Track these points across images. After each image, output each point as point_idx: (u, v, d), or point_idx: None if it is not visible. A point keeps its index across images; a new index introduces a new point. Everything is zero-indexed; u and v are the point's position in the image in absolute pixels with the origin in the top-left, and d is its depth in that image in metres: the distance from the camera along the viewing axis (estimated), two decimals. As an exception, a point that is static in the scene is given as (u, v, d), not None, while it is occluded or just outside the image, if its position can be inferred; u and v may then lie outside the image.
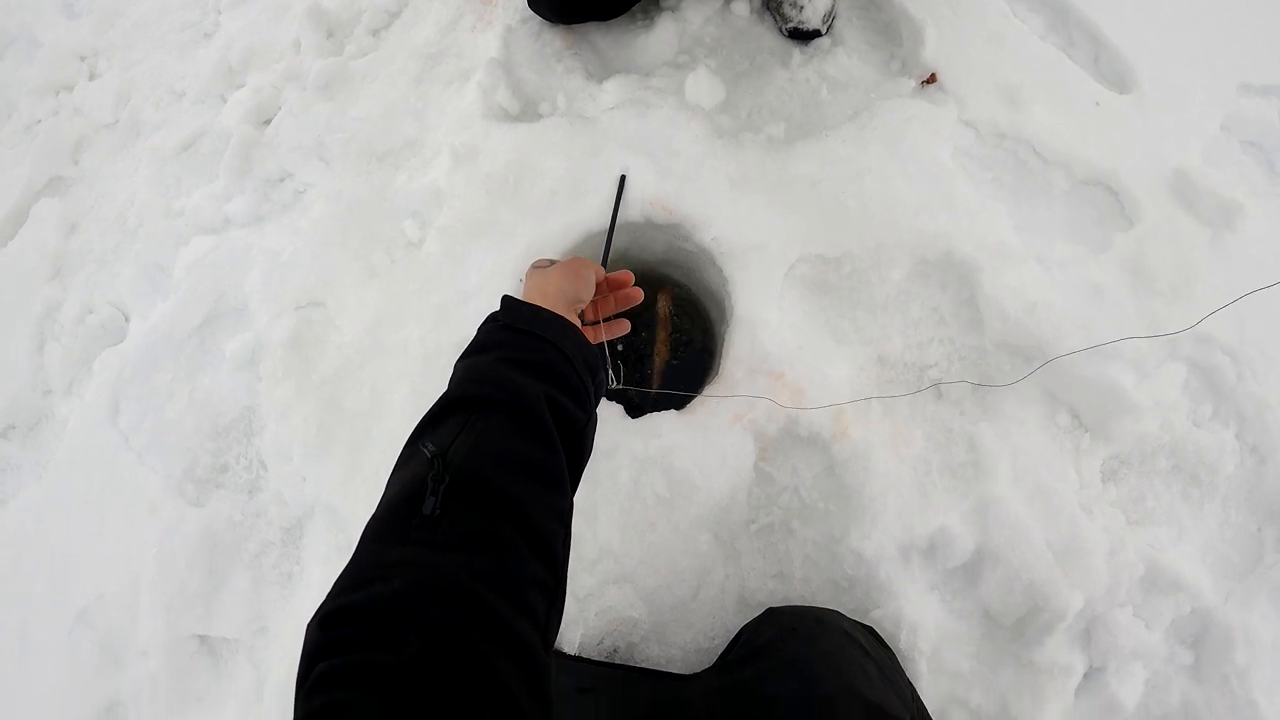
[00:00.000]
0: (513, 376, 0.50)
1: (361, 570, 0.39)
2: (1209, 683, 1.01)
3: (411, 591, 0.36)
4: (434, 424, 0.48)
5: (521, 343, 0.54)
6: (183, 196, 1.14)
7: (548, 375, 0.52)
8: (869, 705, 0.62)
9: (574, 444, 0.53)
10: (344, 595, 0.37)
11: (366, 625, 0.35)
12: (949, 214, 0.93)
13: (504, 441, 0.46)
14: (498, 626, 0.37)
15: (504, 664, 0.36)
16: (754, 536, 0.83)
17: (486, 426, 0.46)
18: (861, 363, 0.88)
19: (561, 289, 0.61)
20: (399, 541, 0.40)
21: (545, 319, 0.56)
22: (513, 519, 0.43)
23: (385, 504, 0.43)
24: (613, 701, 0.70)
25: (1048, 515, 0.91)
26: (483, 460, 0.44)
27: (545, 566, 0.43)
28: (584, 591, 0.82)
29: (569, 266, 0.64)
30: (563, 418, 0.51)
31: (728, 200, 0.90)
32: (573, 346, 0.55)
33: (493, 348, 0.54)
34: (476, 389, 0.49)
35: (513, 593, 0.39)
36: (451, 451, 0.44)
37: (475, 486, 0.43)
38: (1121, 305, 1.00)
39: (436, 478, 0.42)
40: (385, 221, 0.98)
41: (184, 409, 1.04)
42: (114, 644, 1.08)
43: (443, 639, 0.34)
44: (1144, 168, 1.07)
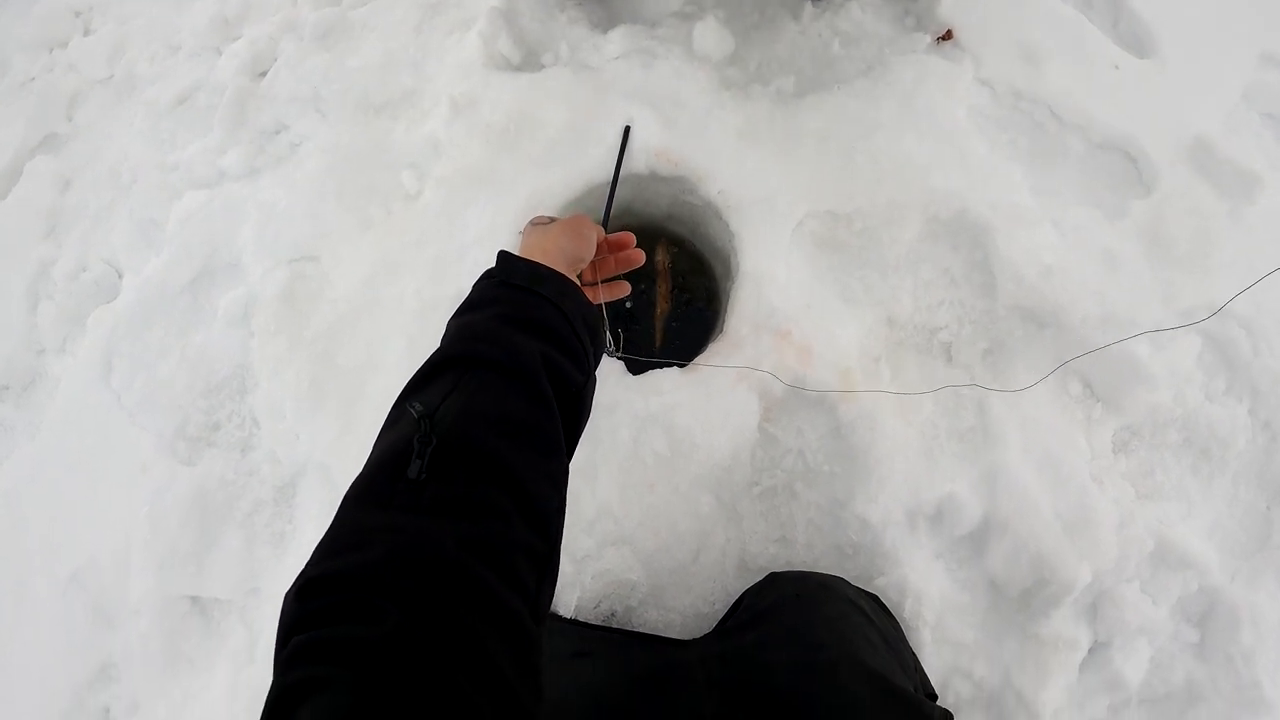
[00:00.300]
0: (508, 334, 0.47)
1: (340, 537, 0.37)
2: (1213, 662, 0.98)
3: (392, 560, 0.34)
4: (423, 383, 0.46)
5: (518, 300, 0.51)
6: (177, 151, 1.10)
7: (545, 334, 0.49)
8: (872, 674, 0.59)
9: (571, 407, 0.50)
10: (321, 564, 0.35)
11: (344, 596, 0.33)
12: (963, 173, 0.89)
13: (497, 402, 0.43)
14: (483, 597, 0.35)
15: (489, 636, 0.34)
16: (756, 499, 0.80)
17: (479, 386, 0.44)
18: (870, 324, 0.84)
19: (562, 247, 0.58)
20: (381, 506, 0.37)
21: (543, 275, 0.53)
22: (503, 484, 0.40)
23: (368, 466, 0.40)
24: (609, 666, 0.68)
25: (1057, 485, 0.88)
26: (473, 421, 0.42)
27: (537, 534, 0.41)
28: (581, 553, 0.79)
29: (570, 224, 0.61)
30: (560, 379, 0.48)
31: (734, 153, 0.86)
32: (572, 305, 0.52)
33: (487, 305, 0.51)
34: (469, 347, 0.46)
35: (500, 562, 0.37)
36: (440, 412, 0.41)
37: (464, 449, 0.40)
38: (1137, 274, 0.96)
39: (423, 439, 0.39)
40: (382, 173, 0.94)
41: (176, 366, 1.01)
42: (106, 605, 1.06)
43: (424, 611, 0.32)
44: (1163, 134, 1.03)
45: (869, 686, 0.58)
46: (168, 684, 1.03)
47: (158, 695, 1.03)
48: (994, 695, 0.89)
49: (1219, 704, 0.97)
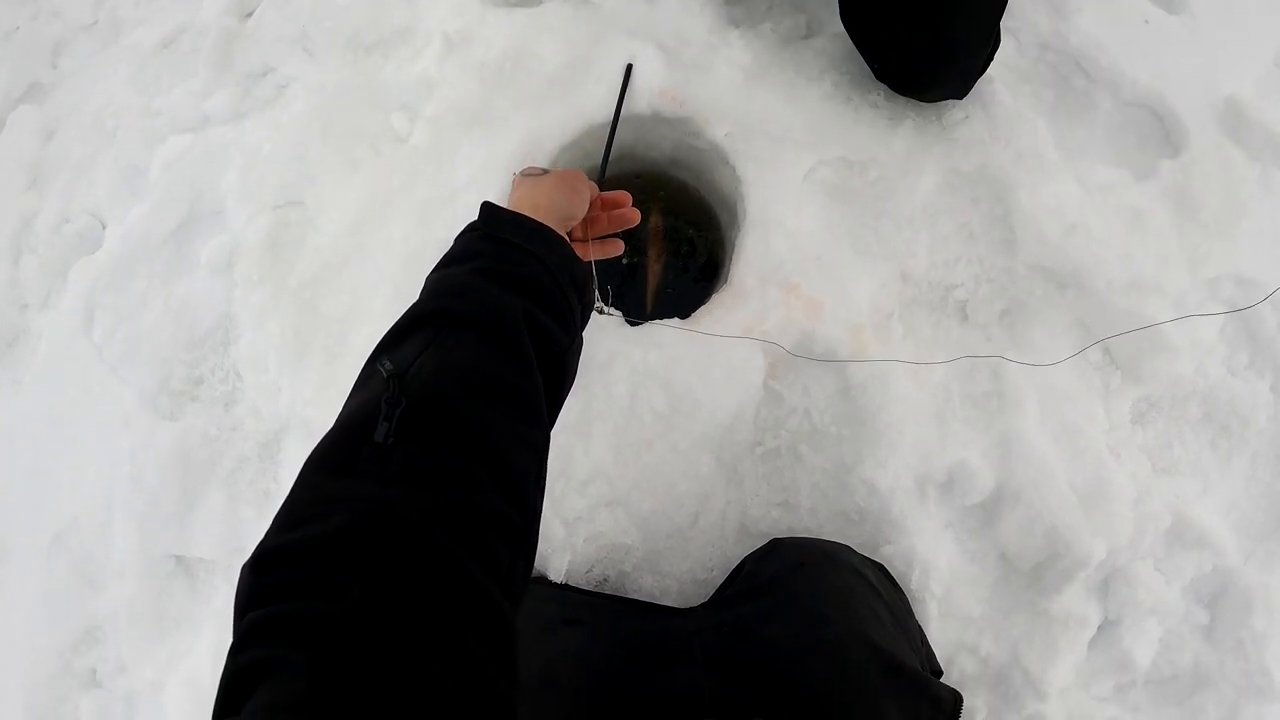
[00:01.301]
0: (488, 290, 0.43)
1: (300, 505, 0.34)
2: (1223, 645, 0.92)
3: (353, 532, 0.31)
4: (397, 340, 0.41)
5: (501, 254, 0.46)
6: (161, 96, 1.03)
7: (528, 290, 0.45)
8: (879, 651, 0.54)
9: (554, 369, 0.45)
10: (279, 535, 0.32)
11: (302, 570, 0.30)
12: (985, 123, 0.82)
13: (474, 362, 0.39)
14: (450, 572, 0.32)
15: (456, 614, 0.31)
16: (759, 461, 0.73)
17: (455, 344, 0.40)
18: (884, 278, 0.77)
19: (554, 202, 0.53)
20: (344, 473, 0.34)
21: (529, 229, 0.48)
22: (477, 450, 0.36)
23: (334, 429, 0.37)
24: (601, 635, 0.62)
25: (1073, 456, 0.81)
26: (447, 382, 0.38)
27: (513, 505, 0.37)
28: (573, 515, 0.72)
29: (562, 178, 0.55)
30: (543, 339, 0.44)
31: (743, 95, 0.78)
32: (558, 260, 0.47)
33: (469, 258, 0.46)
34: (446, 302, 0.42)
35: (471, 534, 0.34)
36: (412, 372, 0.37)
37: (436, 412, 0.36)
38: (1164, 237, 0.89)
39: (391, 400, 0.36)
40: (371, 114, 0.87)
41: (159, 318, 0.95)
42: (90, 566, 1.00)
43: (387, 587, 0.29)
44: (1193, 94, 0.95)
45: (875, 665, 0.53)
46: (154, 645, 0.98)
47: (144, 656, 0.98)
48: (1000, 672, 0.83)
49: (1226, 689, 0.91)
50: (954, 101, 0.84)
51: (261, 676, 0.27)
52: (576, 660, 0.58)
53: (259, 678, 0.27)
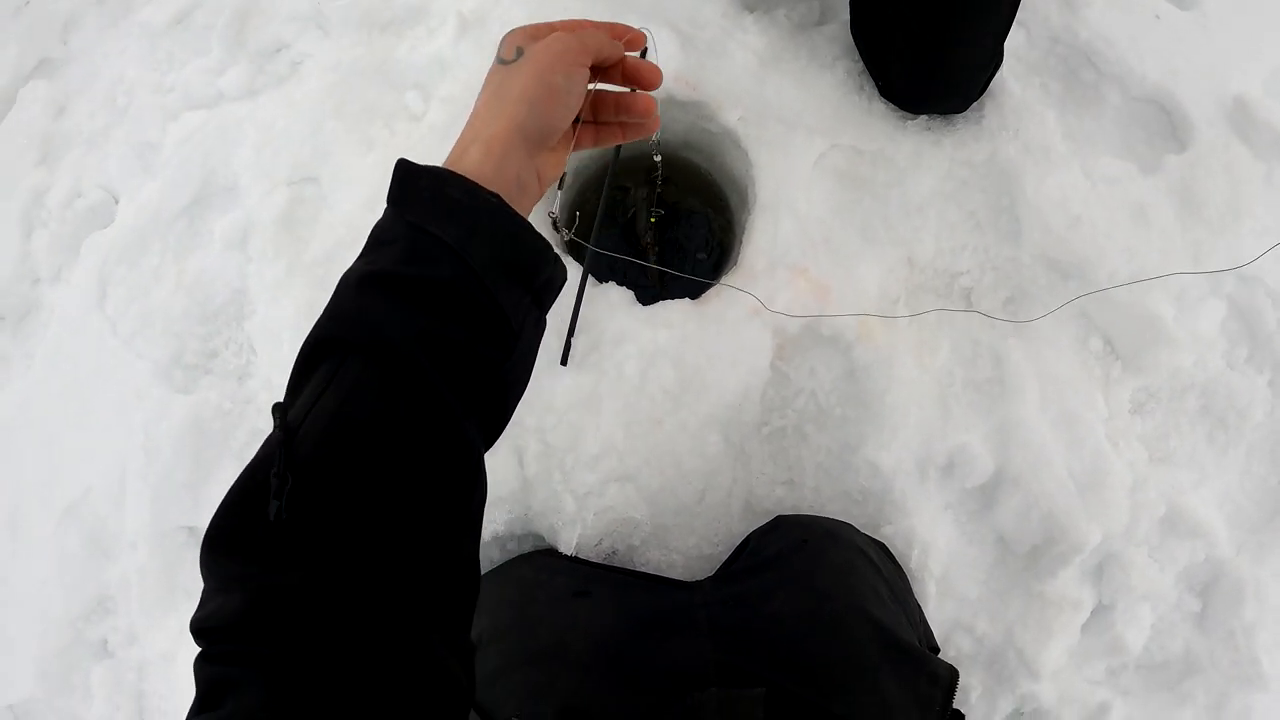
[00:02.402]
0: (378, 310, 0.35)
1: (207, 581, 0.34)
2: (1214, 634, 0.95)
3: (253, 612, 0.32)
4: (301, 375, 0.37)
5: (412, 246, 0.36)
6: (174, 71, 1.03)
7: (435, 301, 0.35)
8: (879, 627, 0.56)
9: (487, 387, 0.38)
10: (201, 608, 0.34)
11: (225, 645, 0.32)
12: (994, 113, 0.83)
13: (372, 411, 0.34)
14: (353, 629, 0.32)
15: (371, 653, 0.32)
16: (765, 440, 0.75)
17: (353, 387, 0.34)
18: (890, 264, 0.79)
19: (521, 124, 0.38)
20: (236, 556, 0.33)
21: (449, 203, 0.36)
22: (376, 518, 0.34)
23: (227, 499, 0.34)
24: (609, 606, 0.64)
25: (1072, 443, 0.83)
26: (339, 445, 0.34)
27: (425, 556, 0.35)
28: (584, 489, 0.74)
29: (540, 74, 0.39)
30: (462, 359, 0.36)
31: (757, 79, 0.80)
32: (485, 248, 0.36)
33: (374, 250, 0.37)
34: (338, 328, 0.36)
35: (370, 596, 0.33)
36: (304, 431, 0.33)
37: (328, 485, 0.33)
38: (1167, 231, 0.90)
39: (279, 476, 0.32)
40: (386, 93, 0.88)
41: (172, 292, 0.96)
42: (103, 537, 1.02)
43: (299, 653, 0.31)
44: (1201, 91, 0.96)
45: (875, 640, 0.55)
46: (165, 616, 1.00)
47: (155, 627, 1.00)
48: (995, 652, 0.86)
49: (1215, 676, 0.94)
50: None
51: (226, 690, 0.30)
52: (585, 631, 0.60)
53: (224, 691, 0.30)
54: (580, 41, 0.41)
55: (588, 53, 0.41)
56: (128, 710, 1.01)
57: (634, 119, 0.46)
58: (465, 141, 0.39)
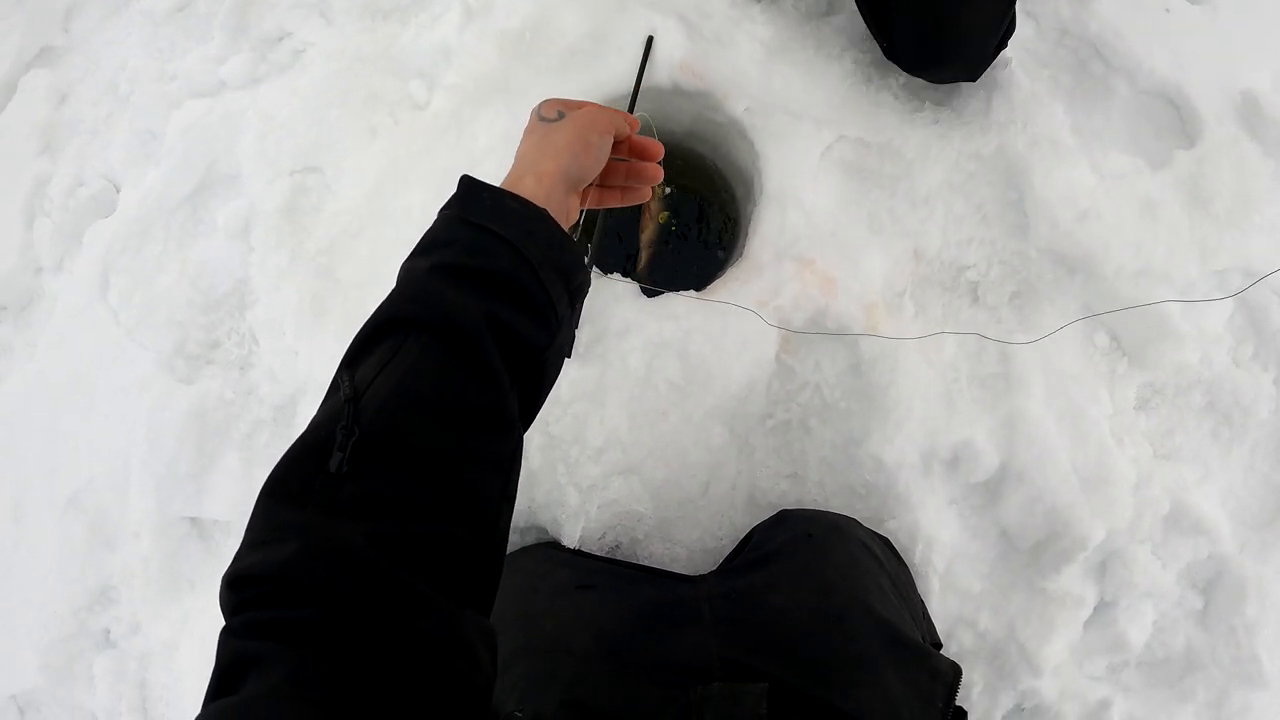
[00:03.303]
0: (449, 293, 0.39)
1: (258, 529, 0.35)
2: (1215, 631, 0.95)
3: (304, 557, 0.32)
4: (363, 350, 0.40)
5: (473, 243, 0.42)
6: (176, 60, 1.02)
7: (497, 289, 0.40)
8: (882, 622, 0.55)
9: (531, 371, 0.42)
10: (243, 559, 0.34)
11: (266, 589, 0.32)
12: (1003, 106, 0.82)
13: (432, 380, 0.38)
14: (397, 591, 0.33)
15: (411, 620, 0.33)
16: (769, 433, 0.75)
17: (416, 360, 0.38)
18: (897, 256, 0.78)
19: (563, 165, 0.46)
20: (296, 502, 0.35)
21: (508, 211, 0.43)
22: (432, 478, 0.36)
23: (291, 451, 0.37)
24: (613, 599, 0.63)
25: (1077, 438, 0.83)
26: (403, 406, 0.37)
27: (470, 526, 0.37)
28: (588, 482, 0.74)
29: (579, 130, 0.48)
30: (514, 343, 0.41)
31: (763, 69, 0.79)
32: (539, 248, 0.42)
33: (437, 247, 0.43)
34: (407, 308, 0.40)
35: (419, 560, 0.34)
36: (369, 394, 0.36)
37: (390, 440, 0.36)
38: (1175, 227, 0.89)
39: (345, 429, 0.35)
40: (390, 81, 0.87)
41: (175, 282, 0.95)
42: (106, 526, 1.01)
43: (342, 604, 0.32)
44: (1211, 85, 0.95)
45: (878, 635, 0.55)
46: (168, 606, 1.00)
47: (158, 617, 1.00)
48: (997, 647, 0.85)
49: (1216, 674, 0.93)
50: (972, 85, 0.84)
51: (249, 666, 0.30)
52: (588, 624, 0.59)
53: (247, 667, 0.30)
54: (608, 115, 0.51)
55: (613, 125, 0.51)
56: (130, 700, 1.01)
57: (643, 183, 0.55)
58: (517, 174, 0.47)
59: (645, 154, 0.54)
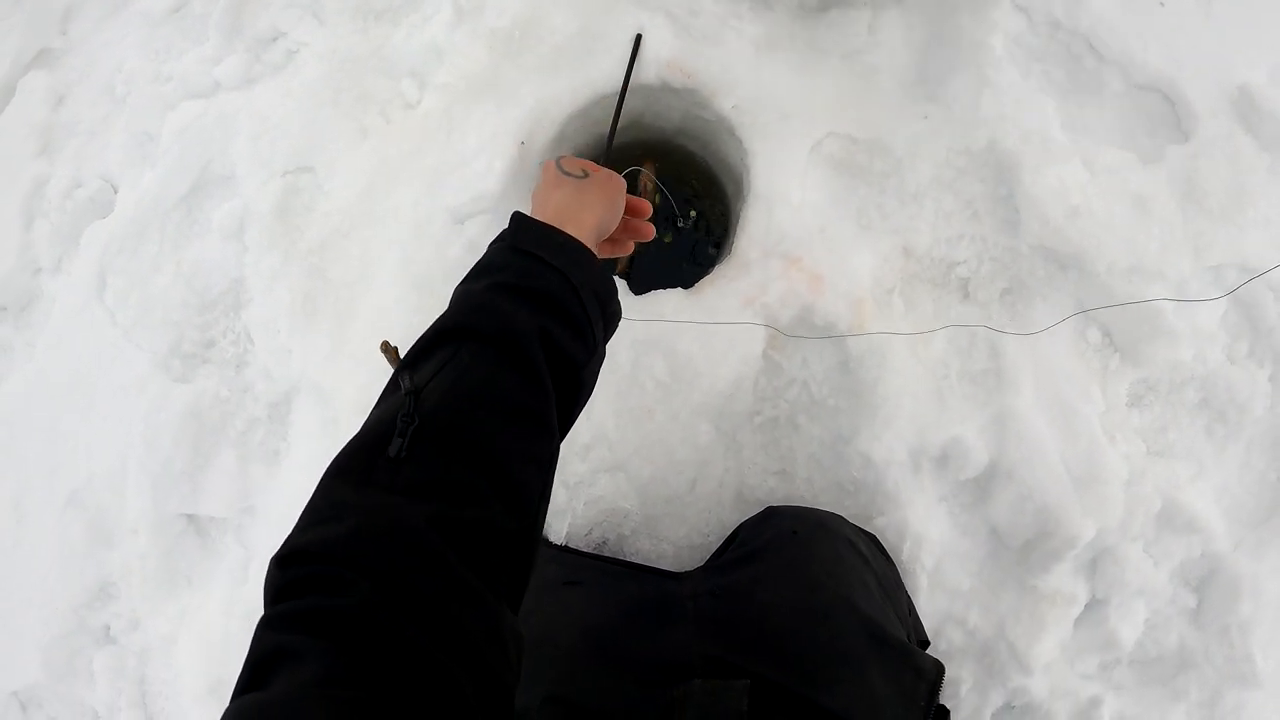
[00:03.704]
0: (505, 307, 0.44)
1: (318, 509, 0.37)
2: (1209, 630, 0.94)
3: (362, 535, 0.34)
4: (420, 356, 0.43)
5: (526, 268, 0.47)
6: (172, 61, 1.03)
7: (547, 306, 0.45)
8: (866, 620, 0.55)
9: (570, 384, 0.46)
10: (300, 535, 0.35)
11: (318, 568, 0.33)
12: (994, 103, 0.81)
13: (487, 381, 0.42)
14: (447, 575, 0.34)
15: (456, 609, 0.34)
16: (757, 430, 0.74)
17: (471, 363, 0.42)
18: (886, 253, 0.77)
19: (599, 219, 0.53)
20: (359, 483, 0.37)
21: (557, 243, 0.48)
22: (483, 466, 0.39)
23: (355, 439, 0.39)
24: (598, 596, 0.64)
25: (1068, 435, 0.82)
26: (460, 401, 0.40)
27: (514, 516, 0.40)
28: (574, 479, 0.74)
29: (606, 192, 0.55)
30: (559, 355, 0.45)
31: (751, 67, 0.78)
32: (582, 275, 0.48)
33: (494, 271, 0.47)
34: (466, 319, 0.44)
35: (468, 543, 0.36)
36: (428, 390, 0.40)
37: (447, 430, 0.39)
38: (1168, 223, 0.88)
39: (406, 417, 0.38)
40: (381, 81, 0.87)
41: (170, 282, 0.96)
42: (105, 524, 1.02)
43: (393, 585, 0.33)
44: (1206, 80, 0.94)
45: (862, 632, 0.54)
46: (166, 601, 1.00)
47: (156, 612, 1.00)
48: (986, 645, 0.85)
49: (1209, 672, 0.93)
50: (963, 80, 0.83)
51: (280, 663, 0.30)
52: (574, 619, 0.60)
53: (278, 664, 0.30)
54: (622, 180, 0.58)
55: (624, 188, 0.58)
56: (130, 695, 1.02)
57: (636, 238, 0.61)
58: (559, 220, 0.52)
59: (638, 212, 0.60)
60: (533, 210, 0.54)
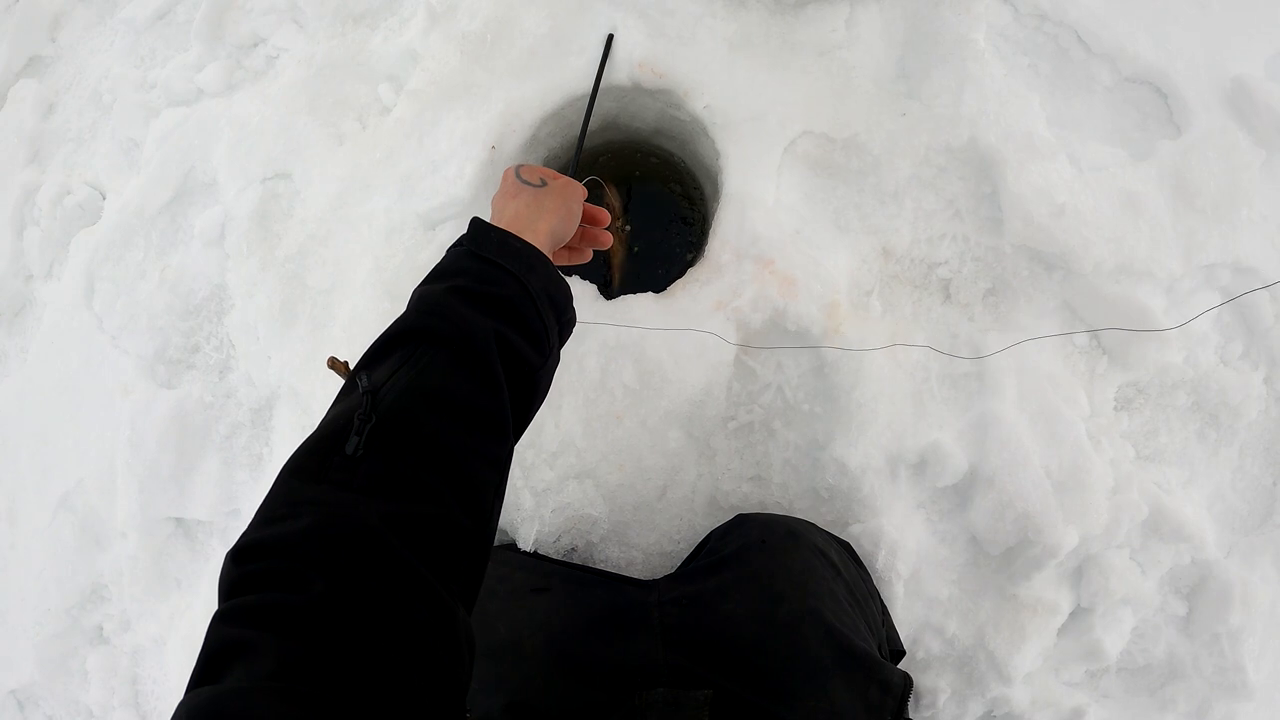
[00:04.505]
0: (462, 310, 0.44)
1: (274, 505, 0.36)
2: (1198, 639, 0.90)
3: (318, 531, 0.34)
4: (377, 356, 0.44)
5: (483, 273, 0.47)
6: (156, 68, 1.02)
7: (504, 312, 0.46)
8: (832, 632, 0.54)
9: (525, 387, 0.47)
10: (255, 531, 0.35)
11: (273, 563, 0.33)
12: (976, 98, 0.78)
13: (443, 381, 0.42)
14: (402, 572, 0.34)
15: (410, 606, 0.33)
16: (731, 435, 0.72)
17: (429, 364, 0.42)
18: (864, 254, 0.75)
19: (552, 229, 0.53)
20: (315, 479, 0.37)
21: (513, 249, 0.49)
22: (439, 466, 0.39)
23: (311, 437, 0.39)
24: (565, 603, 0.62)
25: (1051, 441, 0.79)
26: (416, 401, 0.40)
27: (469, 515, 0.39)
28: (542, 485, 0.72)
29: (563, 201, 0.55)
30: (514, 360, 0.45)
31: (725, 66, 0.76)
32: (538, 281, 0.48)
33: (452, 275, 0.48)
34: (423, 321, 0.44)
35: (424, 542, 0.36)
36: (385, 389, 0.40)
37: (404, 428, 0.39)
38: (1158, 221, 0.85)
39: (363, 416, 0.38)
40: (358, 86, 0.85)
41: (155, 288, 0.95)
42: (95, 527, 1.03)
43: (347, 582, 0.32)
44: (1199, 73, 0.90)
45: (827, 645, 0.53)
46: (156, 603, 1.01)
47: (148, 614, 1.01)
48: (965, 654, 0.82)
49: (1198, 683, 0.89)
50: (942, 75, 0.80)
51: (234, 657, 0.29)
52: (541, 627, 0.58)
53: (232, 658, 0.30)
54: (580, 188, 0.58)
55: (583, 196, 0.58)
56: (123, 694, 1.02)
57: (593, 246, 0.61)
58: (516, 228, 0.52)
59: (596, 220, 0.59)
60: (491, 217, 0.53)
